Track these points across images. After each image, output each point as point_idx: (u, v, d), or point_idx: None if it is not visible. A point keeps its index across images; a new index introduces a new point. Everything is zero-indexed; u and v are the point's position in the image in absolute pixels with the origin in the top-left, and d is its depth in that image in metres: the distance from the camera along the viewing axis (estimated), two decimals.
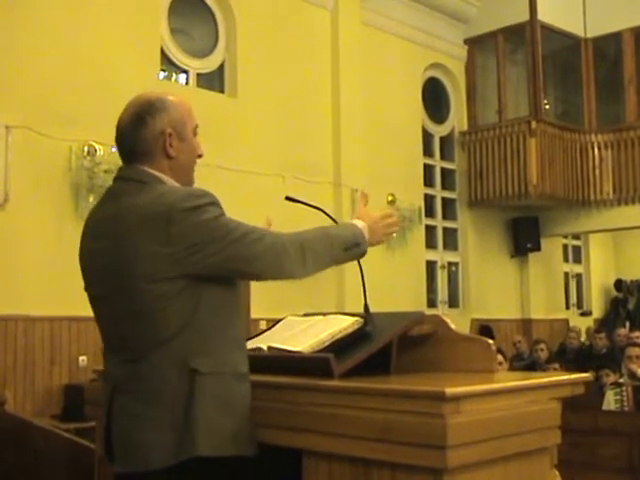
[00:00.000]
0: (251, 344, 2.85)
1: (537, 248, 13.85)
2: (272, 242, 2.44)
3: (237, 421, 2.40)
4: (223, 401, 2.39)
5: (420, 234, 12.34)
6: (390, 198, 11.64)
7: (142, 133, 2.50)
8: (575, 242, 16.38)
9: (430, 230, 12.96)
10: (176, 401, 2.35)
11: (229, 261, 2.38)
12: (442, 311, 12.49)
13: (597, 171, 13.15)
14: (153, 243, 2.34)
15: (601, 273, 16.93)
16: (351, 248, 2.62)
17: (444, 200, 13.39)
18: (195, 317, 2.38)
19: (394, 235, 2.86)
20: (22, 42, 7.97)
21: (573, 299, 16.11)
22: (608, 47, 13.80)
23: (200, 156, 2.65)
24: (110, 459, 2.50)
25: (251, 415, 2.45)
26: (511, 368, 8.57)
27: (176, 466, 2.33)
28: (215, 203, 2.42)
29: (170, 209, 2.35)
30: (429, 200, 13.01)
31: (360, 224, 2.68)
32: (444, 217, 13.37)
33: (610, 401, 6.85)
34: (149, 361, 2.38)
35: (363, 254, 2.67)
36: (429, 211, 12.92)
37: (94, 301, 2.55)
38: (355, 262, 2.91)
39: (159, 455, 2.34)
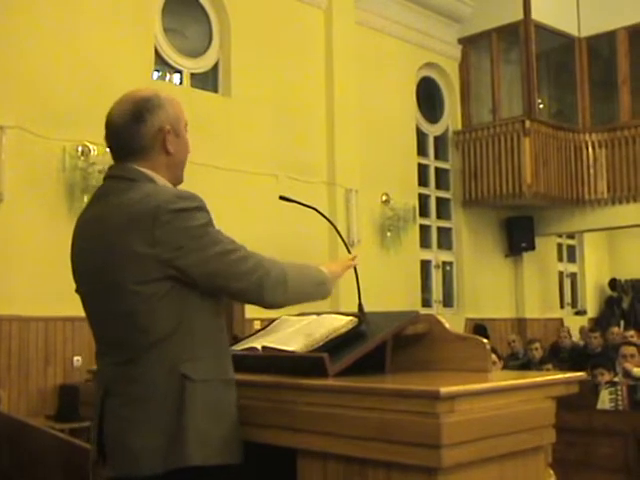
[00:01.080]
0: (245, 344, 2.85)
1: (531, 247, 13.87)
2: (256, 265, 2.42)
3: (226, 429, 2.39)
4: (213, 409, 2.36)
5: (414, 234, 12.34)
6: (384, 198, 11.65)
7: (141, 130, 2.45)
8: (569, 241, 16.40)
9: (424, 230, 12.97)
10: (166, 407, 2.32)
11: (211, 275, 2.35)
12: (437, 310, 12.51)
13: (591, 170, 13.17)
14: (139, 243, 2.31)
15: (595, 272, 16.95)
16: (320, 285, 2.64)
17: (438, 200, 13.40)
18: (184, 320, 2.35)
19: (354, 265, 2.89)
20: (16, 42, 7.95)
21: (568, 298, 16.13)
22: (602, 46, 13.82)
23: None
24: (102, 462, 2.46)
25: (238, 422, 2.44)
26: (506, 367, 8.58)
27: (166, 473, 2.30)
28: (202, 208, 2.39)
29: (157, 209, 2.31)
30: (423, 200, 13.01)
31: (324, 269, 2.70)
32: (438, 217, 13.38)
33: (605, 400, 6.85)
34: (139, 364, 2.35)
35: (328, 293, 2.69)
36: (423, 211, 12.92)
37: (85, 302, 2.52)
38: None
39: (148, 462, 2.31)
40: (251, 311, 9.30)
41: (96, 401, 2.48)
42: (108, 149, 2.55)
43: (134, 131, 2.45)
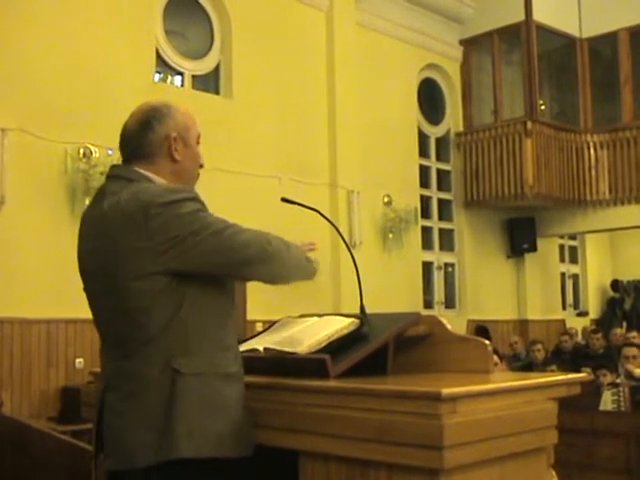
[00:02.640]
0: (247, 345, 2.85)
1: (533, 249, 13.85)
2: (254, 236, 2.45)
3: (222, 422, 2.39)
4: (207, 402, 2.38)
5: (416, 235, 12.33)
6: (386, 199, 11.64)
7: (148, 136, 2.53)
8: (571, 242, 16.39)
9: (426, 231, 12.96)
10: (158, 400, 2.36)
11: (210, 254, 2.38)
12: (438, 312, 12.49)
13: (593, 171, 13.16)
14: (135, 239, 2.37)
15: (597, 273, 16.94)
16: (309, 261, 2.66)
17: (440, 201, 13.39)
18: (179, 316, 2.39)
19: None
20: (17, 44, 7.95)
21: (569, 299, 16.11)
22: (603, 47, 13.81)
23: (201, 166, 2.67)
24: (102, 456, 2.52)
25: (243, 415, 2.44)
26: (508, 369, 8.58)
27: (160, 465, 2.33)
28: (194, 199, 2.44)
29: (147, 204, 2.36)
30: (425, 201, 13.00)
31: None
32: (440, 218, 13.37)
33: (607, 401, 6.85)
34: (135, 359, 2.41)
35: (314, 272, 2.69)
36: (425, 212, 12.92)
37: (91, 301, 2.58)
38: (351, 262, 2.92)
39: (142, 454, 2.35)
40: (253, 313, 9.29)
41: (97, 395, 2.56)
42: (121, 157, 2.61)
43: (143, 138, 2.54)
